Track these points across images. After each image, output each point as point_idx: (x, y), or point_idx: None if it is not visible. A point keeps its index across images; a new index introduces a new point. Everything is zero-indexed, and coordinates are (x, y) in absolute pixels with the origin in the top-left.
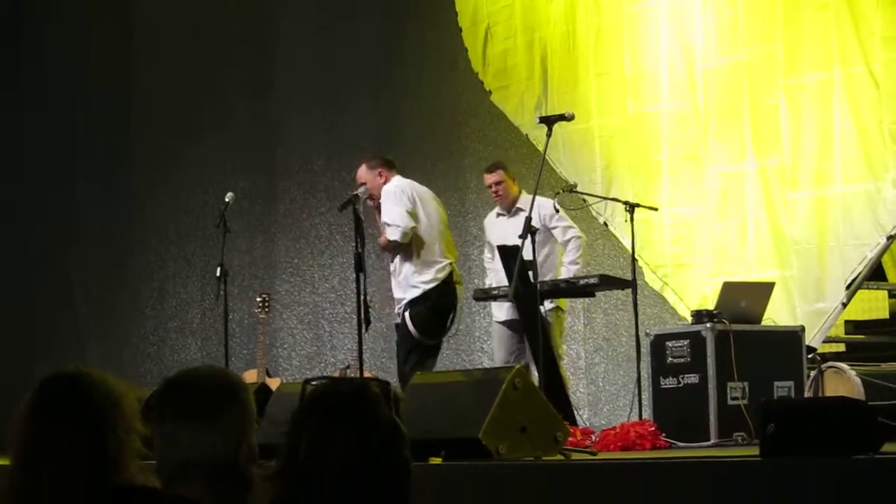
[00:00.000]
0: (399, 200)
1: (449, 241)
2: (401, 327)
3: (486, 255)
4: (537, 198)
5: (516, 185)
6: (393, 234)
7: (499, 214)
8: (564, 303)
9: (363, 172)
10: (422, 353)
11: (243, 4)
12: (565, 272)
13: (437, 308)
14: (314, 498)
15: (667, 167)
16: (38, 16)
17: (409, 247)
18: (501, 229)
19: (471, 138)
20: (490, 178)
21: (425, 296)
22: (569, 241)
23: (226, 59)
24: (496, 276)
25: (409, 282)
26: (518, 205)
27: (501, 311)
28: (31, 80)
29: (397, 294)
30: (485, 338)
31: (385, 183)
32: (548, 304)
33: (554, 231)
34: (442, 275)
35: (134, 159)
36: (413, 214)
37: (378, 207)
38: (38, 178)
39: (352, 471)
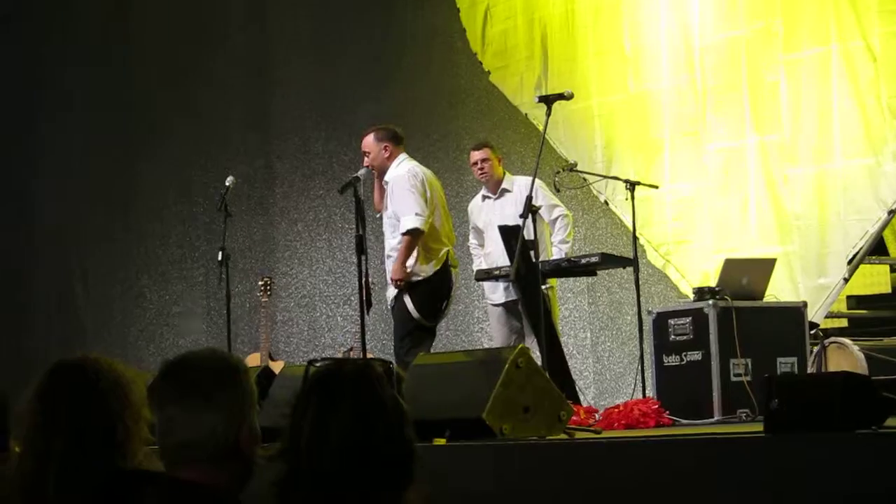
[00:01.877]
0: (414, 187)
1: (449, 226)
2: (397, 309)
3: (472, 240)
4: (523, 178)
5: (501, 167)
6: (414, 223)
7: (484, 197)
8: (555, 281)
9: (370, 142)
10: (417, 336)
11: None
12: (557, 252)
13: (435, 292)
14: (318, 478)
15: (668, 144)
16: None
17: None
18: (488, 212)
19: (469, 118)
20: (476, 156)
21: (426, 281)
22: (555, 220)
23: (223, 43)
24: (487, 259)
25: (410, 269)
26: (503, 186)
27: (497, 293)
28: (30, 64)
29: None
30: (483, 318)
31: (389, 158)
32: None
33: (540, 210)
34: (441, 262)
35: (134, 144)
36: (427, 201)
37: (380, 177)
38: (39, 161)
39: (355, 450)
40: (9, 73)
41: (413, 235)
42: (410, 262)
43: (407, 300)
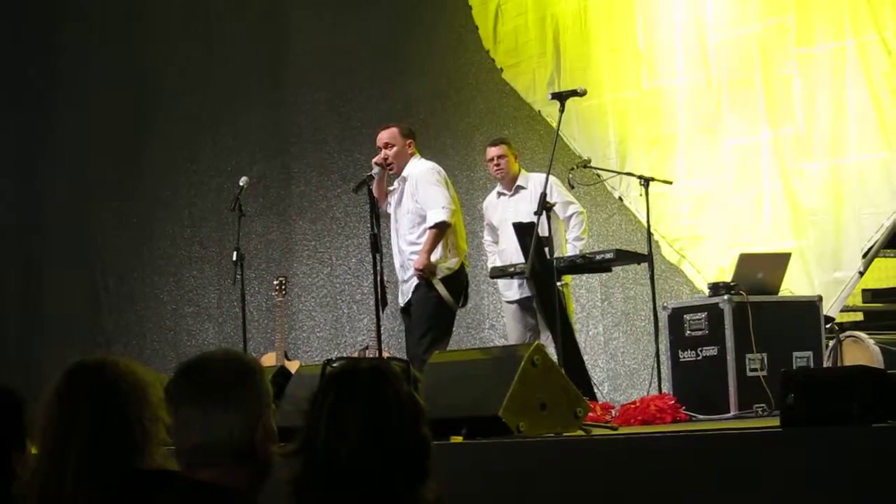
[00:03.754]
0: (439, 182)
1: (463, 226)
2: (418, 305)
3: (486, 237)
4: (538, 175)
5: (517, 163)
6: (442, 215)
7: (499, 194)
8: (569, 278)
9: (395, 135)
10: (436, 334)
11: None
12: (571, 249)
13: (458, 285)
14: (333, 474)
15: (683, 140)
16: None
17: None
18: (503, 209)
19: (480, 116)
20: (493, 151)
21: (451, 276)
22: (570, 217)
23: (238, 42)
24: (502, 256)
25: (436, 263)
26: (518, 182)
27: (511, 290)
28: (44, 64)
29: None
30: (495, 315)
31: (411, 155)
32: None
33: (554, 207)
34: (461, 259)
35: (149, 144)
36: (452, 198)
37: (397, 172)
38: (53, 164)
39: (371, 445)
40: (23, 71)
41: (440, 228)
42: (436, 256)
43: (439, 286)
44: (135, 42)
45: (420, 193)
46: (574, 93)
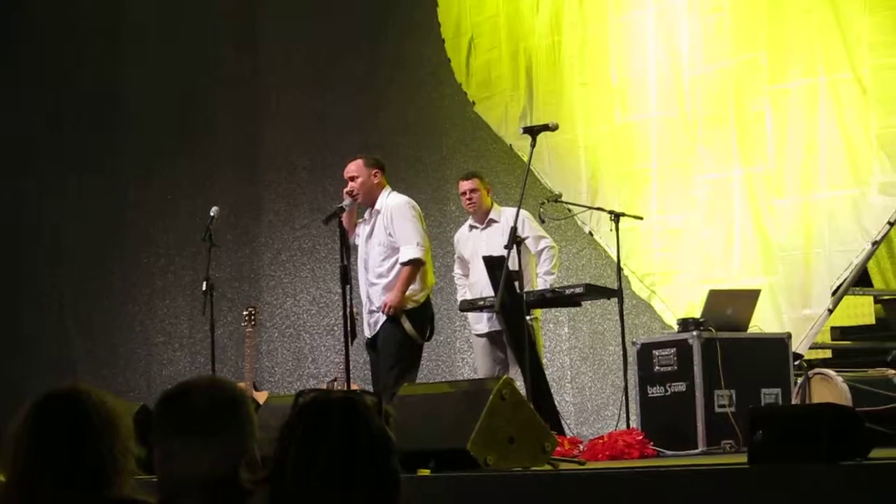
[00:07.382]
0: (414, 217)
1: (431, 260)
2: (386, 338)
3: (457, 270)
4: (511, 209)
5: (490, 198)
6: (416, 253)
7: (471, 227)
8: (539, 312)
9: (359, 167)
10: (406, 365)
11: (229, 22)
12: (541, 283)
13: (426, 318)
14: (302, 502)
15: (656, 176)
16: (21, 24)
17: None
18: (475, 243)
19: (453, 149)
20: (465, 185)
21: (420, 308)
22: (541, 251)
23: (211, 72)
24: (472, 289)
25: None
26: (491, 216)
27: (481, 323)
28: (14, 89)
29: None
30: (466, 348)
31: (378, 186)
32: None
33: (526, 241)
34: (427, 292)
35: (120, 174)
36: (425, 232)
37: (365, 204)
38: (24, 193)
39: (340, 475)
40: (3, 103)
41: (415, 265)
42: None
43: (405, 322)
44: (109, 74)
45: (395, 227)
46: (546, 127)
